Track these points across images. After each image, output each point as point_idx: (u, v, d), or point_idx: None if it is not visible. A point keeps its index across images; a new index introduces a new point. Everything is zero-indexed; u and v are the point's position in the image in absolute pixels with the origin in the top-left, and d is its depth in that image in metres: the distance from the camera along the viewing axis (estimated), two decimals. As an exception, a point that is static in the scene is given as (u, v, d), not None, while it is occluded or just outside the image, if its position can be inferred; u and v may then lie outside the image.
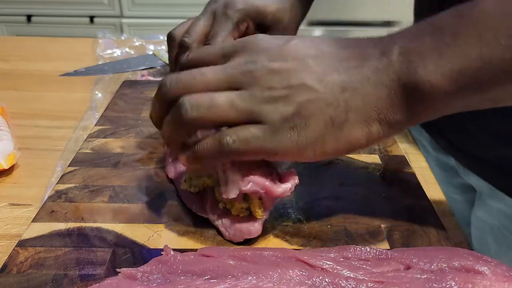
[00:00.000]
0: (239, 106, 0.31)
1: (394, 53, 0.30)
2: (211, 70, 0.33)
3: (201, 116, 0.31)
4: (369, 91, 0.31)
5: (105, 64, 0.73)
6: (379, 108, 0.31)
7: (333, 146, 0.31)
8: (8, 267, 0.33)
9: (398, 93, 0.30)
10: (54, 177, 0.46)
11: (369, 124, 0.31)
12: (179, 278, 0.30)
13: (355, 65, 0.31)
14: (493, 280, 0.28)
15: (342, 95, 0.31)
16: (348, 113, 0.31)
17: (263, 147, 0.31)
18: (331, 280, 0.29)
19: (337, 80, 0.31)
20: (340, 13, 1.77)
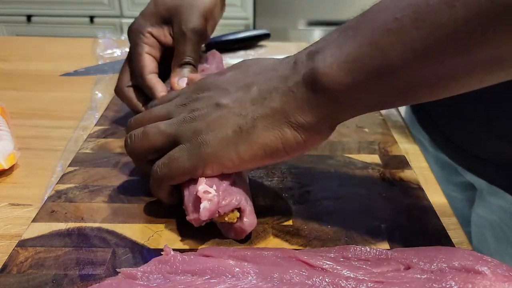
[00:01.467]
0: (164, 131, 0.36)
1: (302, 58, 0.32)
2: (155, 109, 0.39)
3: (135, 145, 0.37)
4: (276, 98, 0.32)
5: (105, 64, 0.73)
6: (286, 112, 0.32)
7: (248, 151, 0.33)
8: (8, 267, 0.33)
9: (303, 94, 0.31)
10: (54, 177, 0.46)
11: (280, 128, 0.32)
12: (179, 278, 0.30)
13: (267, 79, 0.34)
14: (493, 280, 0.28)
15: (251, 106, 0.33)
16: (255, 120, 0.33)
17: (183, 166, 0.34)
18: (331, 280, 0.29)
19: (248, 97, 0.34)
20: (340, 13, 1.77)
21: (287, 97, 0.32)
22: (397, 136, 0.52)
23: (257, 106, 0.33)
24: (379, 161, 0.46)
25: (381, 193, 0.41)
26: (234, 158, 0.34)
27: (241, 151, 0.33)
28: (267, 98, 0.33)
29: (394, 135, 0.51)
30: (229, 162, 0.34)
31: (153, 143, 0.36)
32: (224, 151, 0.34)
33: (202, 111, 0.35)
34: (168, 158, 0.35)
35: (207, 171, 0.34)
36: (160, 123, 0.36)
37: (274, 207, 0.40)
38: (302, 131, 0.32)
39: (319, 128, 0.32)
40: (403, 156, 0.47)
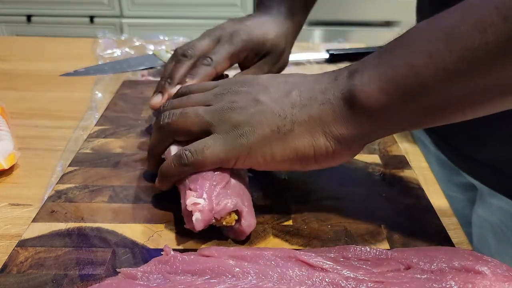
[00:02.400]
0: (202, 116, 0.36)
1: (343, 74, 0.34)
2: (195, 95, 0.40)
3: (172, 122, 0.37)
4: (315, 107, 0.34)
5: (105, 64, 0.72)
6: (323, 123, 0.34)
7: (281, 152, 0.35)
8: (8, 267, 0.33)
9: (341, 108, 0.33)
10: (54, 177, 0.46)
11: (314, 136, 0.34)
12: (179, 278, 0.30)
13: (309, 87, 0.35)
14: (493, 280, 0.28)
15: (291, 110, 0.35)
16: (293, 124, 0.34)
17: (217, 155, 0.35)
18: (331, 280, 0.29)
19: (288, 99, 0.35)
20: (340, 13, 1.77)
21: (326, 108, 0.34)
22: (397, 136, 0.52)
23: (296, 110, 0.34)
24: (379, 161, 0.46)
25: (381, 193, 0.41)
26: (267, 155, 0.35)
27: (275, 151, 0.35)
28: (307, 105, 0.34)
29: (394, 135, 0.51)
30: (261, 159, 0.35)
31: (189, 124, 0.37)
32: (259, 147, 0.35)
33: (241, 103, 0.36)
34: (202, 145, 0.35)
35: (238, 163, 0.36)
36: (199, 108, 0.37)
37: (274, 207, 0.40)
38: (334, 142, 0.34)
39: (350, 143, 0.34)
40: (403, 156, 0.47)
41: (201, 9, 1.81)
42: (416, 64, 0.30)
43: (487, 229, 0.57)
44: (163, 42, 0.81)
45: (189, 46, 0.51)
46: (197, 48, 0.51)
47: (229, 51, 0.51)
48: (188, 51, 0.51)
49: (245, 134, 0.35)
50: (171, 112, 0.38)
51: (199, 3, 1.80)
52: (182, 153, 0.36)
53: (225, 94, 0.38)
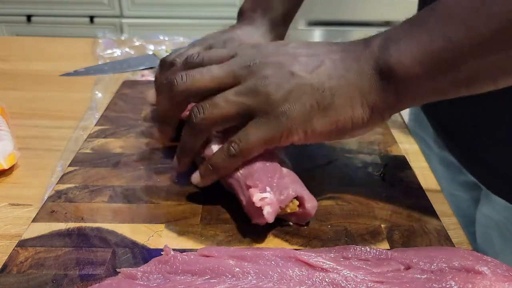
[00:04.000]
0: (235, 101, 0.35)
1: (375, 43, 0.34)
2: (216, 67, 0.37)
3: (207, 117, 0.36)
4: (352, 78, 0.34)
5: (105, 64, 0.73)
6: (361, 93, 0.34)
7: (322, 126, 0.35)
8: (8, 267, 0.33)
9: (376, 77, 0.33)
10: (54, 177, 0.46)
11: (352, 107, 0.34)
12: (179, 278, 0.30)
13: (341, 57, 0.35)
14: (493, 280, 0.28)
15: (328, 82, 0.34)
16: (333, 97, 0.34)
17: (261, 138, 0.35)
18: (331, 280, 0.29)
19: (323, 70, 0.34)
20: (340, 13, 1.77)
21: (363, 78, 0.34)
22: (397, 136, 0.52)
23: (333, 82, 0.34)
24: (379, 161, 0.46)
25: (381, 193, 0.41)
26: (308, 130, 0.35)
27: (316, 125, 0.35)
28: (343, 76, 0.34)
29: (394, 135, 0.51)
30: (302, 134, 0.35)
31: (225, 114, 0.36)
32: (300, 124, 0.34)
33: (276, 78, 0.34)
34: (245, 133, 0.35)
35: (281, 141, 0.35)
36: (229, 93, 0.36)
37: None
38: (369, 112, 0.34)
39: (383, 112, 0.35)
40: (403, 156, 0.47)
41: (201, 9, 1.81)
42: (453, 36, 0.30)
43: (491, 228, 0.57)
44: (163, 42, 0.81)
45: (177, 55, 0.49)
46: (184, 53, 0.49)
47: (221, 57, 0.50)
48: (176, 59, 0.48)
49: (286, 112, 0.34)
50: (200, 107, 0.36)
51: (198, 3, 1.80)
52: (229, 145, 0.35)
53: (252, 68, 0.35)
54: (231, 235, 0.36)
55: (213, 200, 0.40)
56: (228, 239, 0.36)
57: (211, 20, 1.80)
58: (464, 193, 0.64)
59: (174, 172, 0.43)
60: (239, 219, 0.38)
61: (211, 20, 1.81)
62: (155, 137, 0.49)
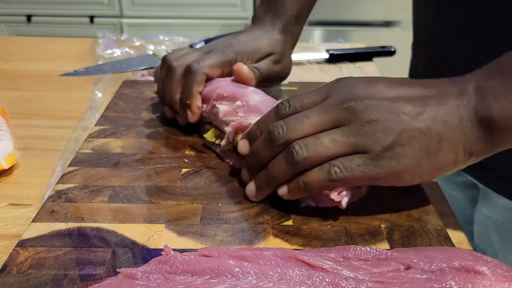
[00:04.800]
0: (343, 141, 0.35)
1: (470, 92, 0.35)
2: (314, 113, 0.37)
3: (310, 155, 0.36)
4: (456, 124, 0.35)
5: (105, 64, 0.73)
6: (464, 138, 0.35)
7: (428, 171, 0.36)
8: (8, 267, 0.33)
9: (478, 126, 0.35)
10: (54, 177, 0.46)
11: (456, 152, 0.35)
12: (179, 278, 0.30)
13: (440, 102, 0.35)
14: (493, 280, 0.28)
15: (434, 126, 0.35)
16: (440, 142, 0.35)
17: (366, 174, 0.35)
18: (331, 280, 0.29)
19: (427, 114, 0.35)
20: (340, 13, 1.77)
21: (465, 124, 0.35)
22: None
23: (438, 127, 0.35)
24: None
25: (381, 193, 0.41)
26: (415, 175, 0.36)
27: (423, 170, 0.35)
28: (447, 122, 0.35)
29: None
30: (409, 178, 0.36)
31: (330, 152, 0.36)
32: (408, 169, 0.35)
33: (383, 123, 0.35)
34: (351, 164, 0.35)
35: (384, 182, 0.36)
36: (334, 133, 0.36)
37: (274, 207, 0.40)
38: (469, 155, 0.36)
39: (481, 156, 0.36)
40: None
41: (201, 9, 1.81)
42: None
43: (490, 227, 0.57)
44: (163, 42, 0.81)
45: (176, 57, 0.50)
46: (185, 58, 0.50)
47: (221, 60, 0.50)
48: (173, 64, 0.49)
49: (396, 155, 0.35)
50: (301, 144, 0.36)
51: (199, 3, 1.80)
52: (331, 168, 0.35)
53: (354, 110, 0.36)
54: (231, 235, 0.36)
55: (213, 200, 0.40)
56: (228, 239, 0.36)
57: (211, 20, 1.81)
58: (460, 193, 0.64)
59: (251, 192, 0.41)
60: (239, 219, 0.38)
61: (211, 20, 1.81)
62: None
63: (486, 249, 0.59)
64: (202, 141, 0.49)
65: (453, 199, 0.64)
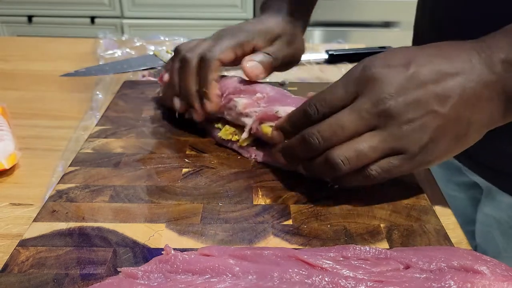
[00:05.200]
0: (382, 148, 0.36)
1: (498, 68, 0.35)
2: (347, 120, 0.36)
3: (353, 165, 0.36)
4: (483, 105, 0.35)
5: (106, 65, 0.73)
6: (491, 118, 0.36)
7: (454, 153, 0.37)
8: (9, 267, 0.33)
9: (502, 103, 0.35)
10: (55, 177, 0.46)
11: (481, 132, 0.37)
12: (180, 277, 0.30)
13: (468, 81, 0.35)
14: (492, 279, 0.28)
15: (464, 112, 0.35)
16: (469, 126, 0.36)
17: (402, 172, 0.37)
18: (331, 279, 0.29)
19: (457, 99, 0.35)
20: (340, 14, 1.77)
21: (493, 104, 0.35)
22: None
23: (468, 113, 0.35)
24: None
25: (380, 193, 0.41)
26: (443, 159, 0.37)
27: (450, 153, 0.37)
28: (477, 106, 0.35)
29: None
30: (436, 163, 0.38)
31: (371, 159, 0.36)
32: (439, 157, 0.37)
33: (419, 121, 0.35)
34: (389, 165, 0.36)
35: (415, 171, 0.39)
36: (373, 139, 0.36)
37: (274, 207, 0.40)
38: (485, 131, 0.37)
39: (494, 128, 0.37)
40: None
41: (201, 10, 1.81)
42: None
43: (493, 227, 0.57)
44: (164, 42, 0.81)
45: (189, 49, 0.50)
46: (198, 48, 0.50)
47: (232, 43, 0.50)
48: (187, 55, 0.49)
49: (430, 150, 0.36)
50: (341, 155, 0.36)
51: (199, 4, 1.80)
52: (369, 173, 0.36)
53: (388, 112, 0.35)
54: (231, 234, 0.37)
55: (214, 199, 0.41)
56: (228, 238, 0.36)
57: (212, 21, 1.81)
58: (461, 193, 0.64)
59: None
60: (239, 218, 0.38)
61: (211, 21, 1.81)
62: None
63: (488, 248, 0.59)
64: (202, 141, 0.50)
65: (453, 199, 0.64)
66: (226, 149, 0.48)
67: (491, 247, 0.58)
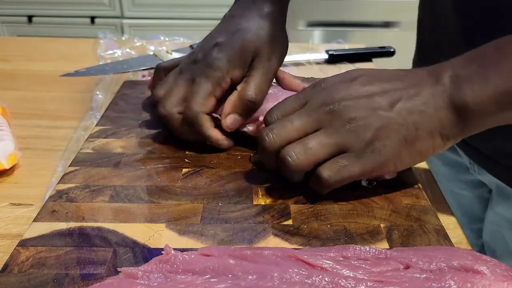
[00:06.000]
0: (327, 143, 0.38)
1: (445, 80, 0.37)
2: (297, 117, 0.39)
3: (301, 161, 0.38)
4: (431, 112, 0.37)
5: (106, 65, 0.73)
6: (440, 125, 0.37)
7: (409, 158, 0.38)
8: (9, 267, 0.33)
9: (453, 113, 0.37)
10: (55, 177, 0.46)
11: (433, 138, 0.37)
12: (180, 277, 0.30)
13: (415, 92, 0.37)
14: (492, 279, 0.28)
15: (410, 117, 0.37)
16: (417, 130, 0.37)
17: (353, 172, 0.37)
18: (331, 279, 0.29)
19: (403, 106, 0.37)
20: (340, 14, 1.77)
21: (440, 112, 0.37)
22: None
23: (415, 117, 0.37)
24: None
25: (380, 193, 0.41)
26: (397, 164, 0.38)
27: (404, 158, 0.38)
28: (423, 112, 0.37)
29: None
30: (393, 168, 0.38)
31: (318, 156, 0.38)
32: (391, 159, 0.37)
33: (362, 120, 0.37)
34: (337, 166, 0.37)
35: (370, 175, 0.39)
36: (319, 136, 0.38)
37: (274, 207, 0.40)
38: (446, 140, 0.38)
39: (457, 139, 0.39)
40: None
41: (201, 10, 1.81)
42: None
43: (503, 226, 0.57)
44: (164, 42, 0.81)
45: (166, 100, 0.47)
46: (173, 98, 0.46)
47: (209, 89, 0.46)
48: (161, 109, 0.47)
49: (377, 149, 0.37)
50: (290, 151, 0.38)
51: (199, 4, 1.80)
52: (320, 174, 0.38)
53: (334, 112, 0.38)
54: (231, 234, 0.37)
55: (214, 199, 0.41)
56: (229, 238, 0.36)
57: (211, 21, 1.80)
58: (468, 191, 0.64)
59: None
60: (239, 218, 0.38)
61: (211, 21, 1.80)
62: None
63: (496, 247, 0.59)
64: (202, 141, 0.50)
65: (461, 197, 0.64)
66: (226, 149, 0.48)
67: (499, 246, 0.58)
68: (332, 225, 0.38)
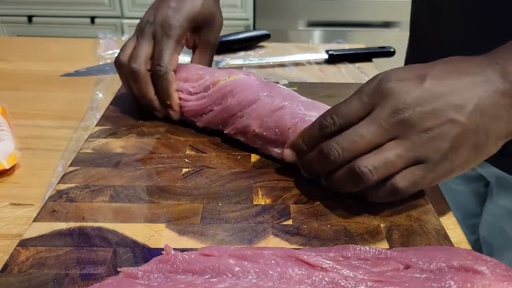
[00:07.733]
0: (406, 156, 0.36)
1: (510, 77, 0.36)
2: (366, 130, 0.36)
3: (382, 174, 0.36)
4: (501, 114, 0.36)
5: (106, 65, 0.73)
6: (508, 129, 0.36)
7: (474, 163, 0.38)
8: (9, 267, 0.33)
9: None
10: (55, 177, 0.46)
11: (498, 141, 0.37)
12: (180, 277, 0.30)
13: (484, 91, 0.36)
14: (492, 279, 0.28)
15: (481, 121, 0.36)
16: (487, 136, 0.36)
17: (426, 183, 0.37)
18: (331, 279, 0.29)
19: (475, 110, 0.36)
20: (339, 14, 1.77)
21: (509, 112, 0.36)
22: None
23: (485, 122, 0.36)
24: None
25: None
26: (464, 169, 0.37)
27: (470, 163, 0.37)
28: (494, 116, 0.36)
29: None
30: (458, 173, 0.38)
31: (397, 167, 0.36)
32: (459, 166, 0.37)
33: (438, 129, 0.35)
34: (414, 178, 0.36)
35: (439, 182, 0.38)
36: (396, 148, 0.36)
37: (274, 207, 0.40)
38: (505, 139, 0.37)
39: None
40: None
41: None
42: None
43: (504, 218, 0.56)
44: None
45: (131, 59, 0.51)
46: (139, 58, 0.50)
47: (172, 46, 0.51)
48: (133, 66, 0.50)
49: (451, 159, 0.36)
50: (368, 165, 0.35)
51: (199, 3, 1.80)
52: (396, 185, 0.36)
53: (408, 122, 0.35)
54: (231, 234, 0.37)
55: (214, 199, 0.41)
56: (228, 238, 0.36)
57: (212, 21, 1.80)
58: (464, 186, 0.64)
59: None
60: (239, 218, 0.38)
61: (211, 21, 1.80)
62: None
63: (495, 241, 0.59)
64: (202, 141, 0.50)
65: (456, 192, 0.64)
66: (226, 149, 0.48)
67: (498, 239, 0.58)
68: (332, 225, 0.38)
